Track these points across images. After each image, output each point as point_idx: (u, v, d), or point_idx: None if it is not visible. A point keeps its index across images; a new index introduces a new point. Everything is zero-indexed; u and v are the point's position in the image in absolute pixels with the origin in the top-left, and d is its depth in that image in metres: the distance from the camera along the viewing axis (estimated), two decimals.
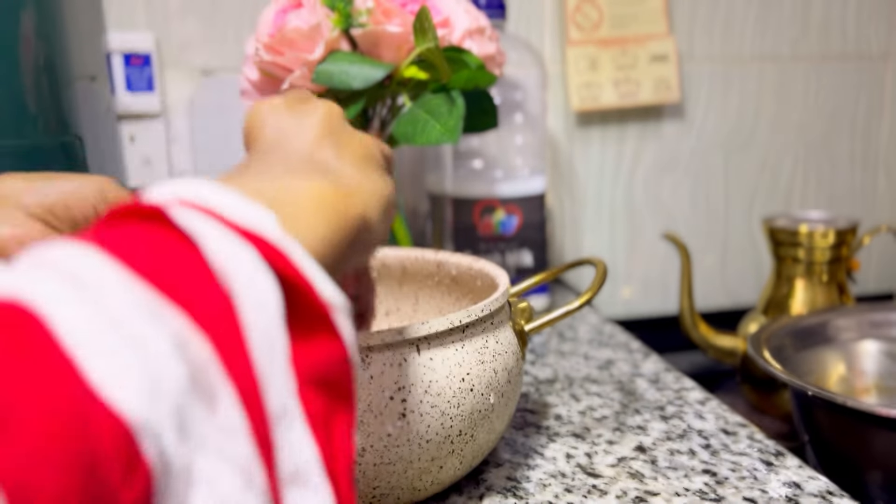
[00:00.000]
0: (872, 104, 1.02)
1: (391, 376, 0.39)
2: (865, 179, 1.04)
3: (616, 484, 0.46)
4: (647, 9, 0.92)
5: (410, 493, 0.42)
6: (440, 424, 0.40)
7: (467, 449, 0.42)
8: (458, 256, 0.55)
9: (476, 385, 0.41)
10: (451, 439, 0.41)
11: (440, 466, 0.41)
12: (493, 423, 0.44)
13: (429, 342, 0.40)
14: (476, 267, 0.52)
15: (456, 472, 0.43)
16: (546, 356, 0.68)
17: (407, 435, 0.39)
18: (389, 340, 0.39)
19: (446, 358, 0.41)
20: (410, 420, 0.39)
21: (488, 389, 0.42)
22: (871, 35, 1.00)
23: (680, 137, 0.97)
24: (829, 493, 0.44)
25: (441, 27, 0.61)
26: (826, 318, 0.71)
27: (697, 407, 0.56)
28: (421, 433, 0.40)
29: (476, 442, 0.43)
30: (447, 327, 0.40)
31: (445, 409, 0.40)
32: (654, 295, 1.00)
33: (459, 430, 0.41)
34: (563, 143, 0.95)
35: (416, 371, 0.39)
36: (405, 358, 0.39)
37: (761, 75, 0.98)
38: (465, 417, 0.41)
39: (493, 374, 0.43)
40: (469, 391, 0.41)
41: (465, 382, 0.41)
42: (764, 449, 0.49)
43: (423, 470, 0.41)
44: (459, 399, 0.41)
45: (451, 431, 0.41)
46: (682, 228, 0.98)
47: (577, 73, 0.91)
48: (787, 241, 0.78)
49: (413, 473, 0.41)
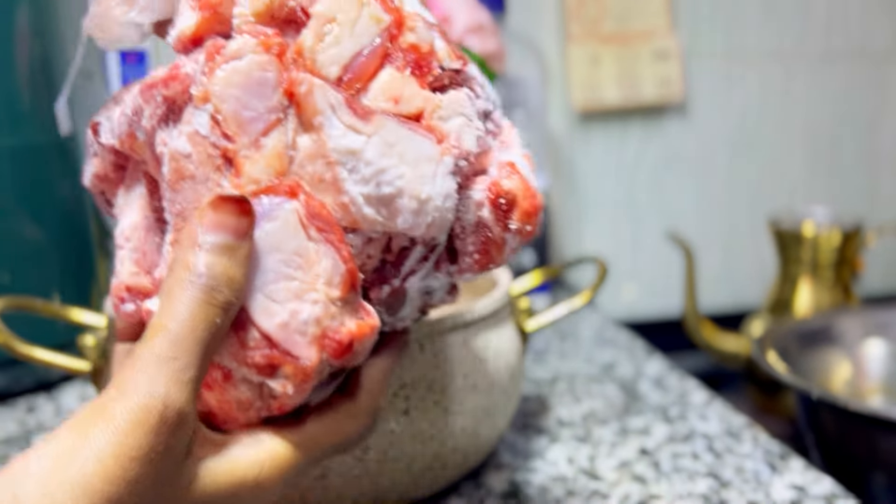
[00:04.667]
0: (877, 102, 1.02)
1: (394, 373, 0.38)
2: (870, 178, 1.04)
3: (618, 487, 0.45)
4: (649, 4, 0.91)
5: (413, 491, 0.41)
6: (443, 422, 0.40)
7: (470, 447, 0.42)
8: None
9: (478, 383, 0.41)
10: (453, 437, 0.41)
11: (443, 464, 0.41)
12: (495, 421, 0.43)
13: (432, 339, 0.40)
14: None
15: (458, 471, 0.43)
16: (547, 357, 0.67)
17: (410, 432, 0.39)
18: None
19: (449, 355, 0.40)
20: (414, 417, 0.39)
21: (490, 387, 0.42)
22: (876, 32, 0.99)
23: (683, 136, 0.97)
24: (833, 496, 0.44)
25: (441, 23, 0.61)
26: (831, 319, 0.70)
27: (701, 409, 0.55)
28: (424, 430, 0.39)
29: (478, 440, 0.43)
30: (450, 325, 0.40)
31: (448, 406, 0.40)
32: (657, 295, 0.99)
33: (462, 428, 0.41)
34: (565, 142, 0.94)
35: (420, 368, 0.39)
36: (408, 355, 0.39)
37: (765, 73, 0.98)
38: (467, 415, 0.41)
39: (496, 372, 0.43)
40: (471, 388, 0.41)
41: (467, 380, 0.41)
42: (768, 451, 0.49)
43: (426, 467, 0.41)
44: (462, 396, 0.40)
45: (454, 428, 0.41)
46: (685, 228, 0.98)
47: (578, 70, 0.90)
48: (791, 241, 0.77)
49: (416, 471, 0.40)
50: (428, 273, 0.30)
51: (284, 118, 0.26)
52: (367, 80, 0.27)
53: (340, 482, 0.39)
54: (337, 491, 0.39)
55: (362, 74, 0.27)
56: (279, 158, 0.26)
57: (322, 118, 0.26)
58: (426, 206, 0.27)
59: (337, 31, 0.27)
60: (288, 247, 0.26)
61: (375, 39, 0.27)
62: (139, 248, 0.30)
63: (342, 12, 0.27)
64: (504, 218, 0.29)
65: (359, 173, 0.26)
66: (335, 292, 0.26)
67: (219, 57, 0.26)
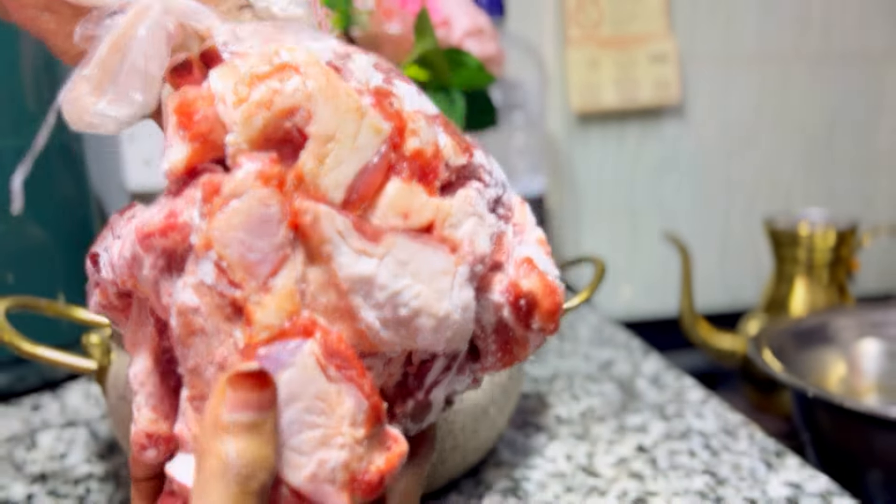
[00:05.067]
0: (874, 104, 1.02)
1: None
2: (866, 180, 1.04)
3: (616, 484, 0.46)
4: (647, 7, 0.92)
5: None
6: (443, 418, 0.40)
7: (469, 444, 0.43)
8: None
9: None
10: (453, 434, 0.41)
11: (442, 461, 0.42)
12: (494, 419, 0.44)
13: None
14: None
15: (457, 468, 0.43)
16: (546, 356, 0.68)
17: (411, 429, 0.39)
18: None
19: None
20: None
21: (490, 385, 0.43)
22: (872, 35, 1.00)
23: (680, 137, 0.97)
24: (829, 493, 0.44)
25: (441, 27, 0.61)
26: (826, 319, 0.71)
27: (698, 406, 0.56)
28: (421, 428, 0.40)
29: (478, 437, 0.43)
30: None
31: None
32: (654, 295, 0.99)
33: (462, 425, 0.41)
34: (563, 144, 0.95)
35: None
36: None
37: (762, 75, 0.98)
38: (467, 412, 0.41)
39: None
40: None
41: None
42: (764, 448, 0.49)
43: None
44: (461, 395, 0.41)
45: (454, 426, 0.41)
46: (682, 229, 0.98)
47: (577, 73, 0.91)
48: (787, 241, 0.77)
49: None
50: (451, 380, 0.30)
51: (292, 252, 0.25)
52: (374, 197, 0.26)
53: None
54: None
55: (368, 192, 0.26)
56: (290, 298, 0.25)
57: (330, 246, 0.25)
58: (445, 322, 0.26)
59: (337, 150, 0.25)
60: (308, 393, 0.25)
61: (379, 150, 0.26)
62: (155, 394, 0.29)
63: (341, 129, 0.25)
64: (526, 319, 0.28)
65: (373, 298, 0.25)
66: (360, 432, 0.25)
67: (217, 198, 0.24)
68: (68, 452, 0.52)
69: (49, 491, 0.47)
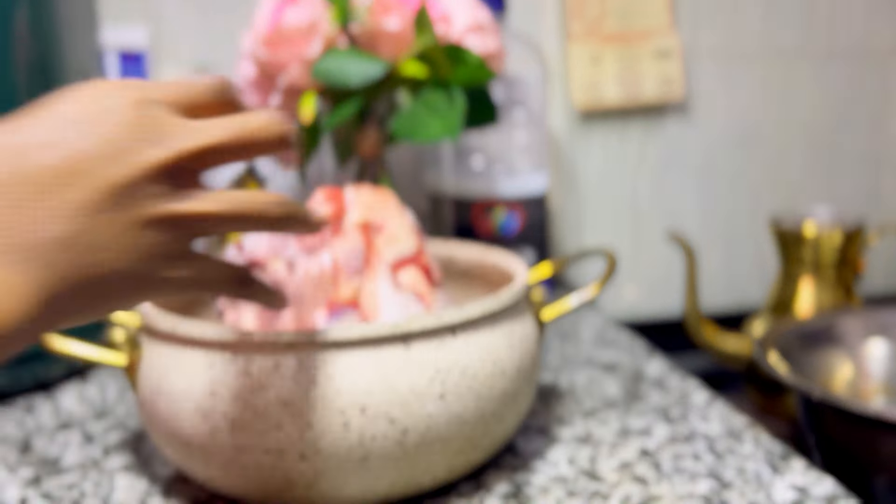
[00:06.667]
0: (880, 102, 1.01)
1: (430, 359, 0.41)
2: (872, 178, 1.03)
3: (619, 488, 0.45)
4: (650, 3, 0.91)
5: (445, 475, 0.43)
6: (475, 406, 0.42)
7: (497, 431, 0.44)
8: (469, 247, 0.57)
9: (506, 368, 0.44)
10: (484, 420, 0.43)
11: (474, 447, 0.43)
12: (519, 405, 0.46)
13: (464, 327, 0.42)
14: (489, 260, 0.56)
15: (485, 455, 0.45)
16: (548, 358, 0.67)
17: (446, 415, 0.41)
18: (429, 326, 0.41)
19: (479, 342, 0.43)
20: (449, 401, 0.41)
21: (516, 373, 0.45)
22: (878, 31, 0.99)
23: (684, 135, 0.96)
24: (835, 497, 0.43)
25: (441, 23, 0.60)
26: (832, 320, 0.70)
27: (702, 409, 0.55)
28: (458, 413, 0.41)
29: (504, 424, 0.45)
30: (480, 313, 0.43)
31: (480, 390, 0.42)
32: (657, 296, 0.99)
33: (493, 411, 0.43)
34: (565, 141, 0.94)
35: (453, 354, 0.42)
36: (442, 342, 0.42)
37: (767, 72, 0.97)
38: (496, 399, 0.43)
39: (521, 358, 0.45)
40: (500, 374, 0.43)
41: (496, 366, 0.43)
42: (770, 451, 0.49)
43: (459, 450, 0.43)
44: (492, 381, 0.43)
45: (485, 412, 0.43)
46: (686, 228, 0.97)
47: (579, 69, 0.90)
48: (793, 241, 0.77)
49: (450, 454, 0.42)
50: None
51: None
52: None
53: (380, 465, 0.40)
54: (376, 473, 0.41)
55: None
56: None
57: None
58: None
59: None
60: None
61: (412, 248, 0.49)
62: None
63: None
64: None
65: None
66: None
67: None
68: (62, 455, 0.51)
69: (43, 494, 0.46)
